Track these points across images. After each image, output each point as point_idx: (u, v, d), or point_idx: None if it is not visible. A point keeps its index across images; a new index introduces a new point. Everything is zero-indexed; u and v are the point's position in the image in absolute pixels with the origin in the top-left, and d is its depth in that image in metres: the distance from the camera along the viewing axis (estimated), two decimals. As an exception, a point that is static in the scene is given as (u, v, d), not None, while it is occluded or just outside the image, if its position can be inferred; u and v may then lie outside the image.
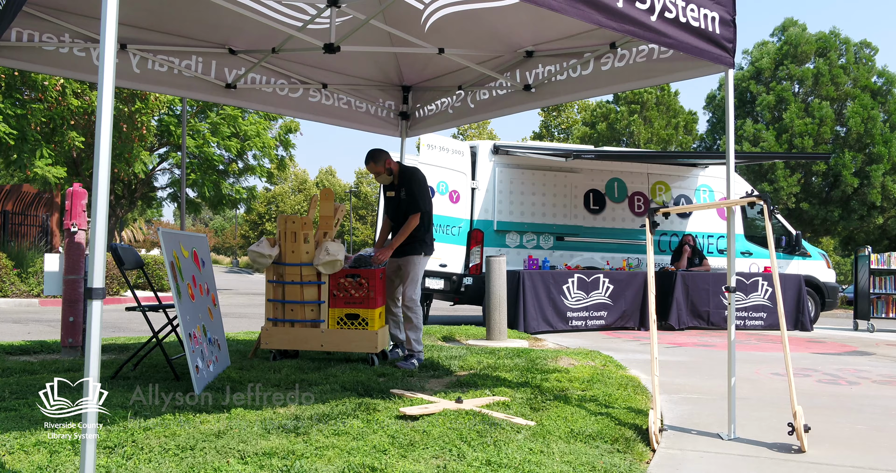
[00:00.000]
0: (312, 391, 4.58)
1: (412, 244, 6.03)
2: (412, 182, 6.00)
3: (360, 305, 5.79)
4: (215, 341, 5.20)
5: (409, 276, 5.99)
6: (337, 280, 5.81)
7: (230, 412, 3.89)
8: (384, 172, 6.04)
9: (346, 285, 5.82)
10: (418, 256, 6.04)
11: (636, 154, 13.03)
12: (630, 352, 7.67)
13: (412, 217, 5.94)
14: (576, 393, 4.91)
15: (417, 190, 5.98)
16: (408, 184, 6.01)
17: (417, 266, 6.03)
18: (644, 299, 10.34)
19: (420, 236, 6.05)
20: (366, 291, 5.79)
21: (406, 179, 6.03)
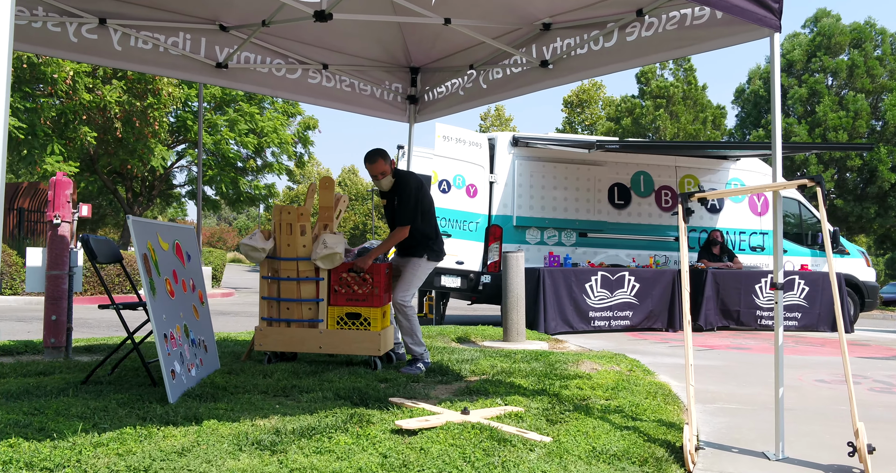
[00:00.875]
0: (302, 400, 4.10)
1: (416, 247, 5.53)
2: (404, 189, 5.44)
3: (362, 302, 5.31)
4: (200, 342, 4.73)
5: (404, 277, 5.49)
6: (338, 275, 5.32)
7: (202, 424, 3.42)
8: (390, 174, 5.47)
9: (348, 280, 5.33)
10: (420, 259, 5.52)
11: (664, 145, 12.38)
12: (658, 355, 7.11)
13: (398, 230, 5.41)
14: (598, 403, 4.38)
15: (409, 199, 5.41)
16: (400, 191, 5.47)
17: (417, 269, 5.51)
18: (672, 298, 9.74)
19: (424, 241, 5.55)
20: (370, 287, 5.30)
21: (399, 185, 5.49)
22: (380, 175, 5.43)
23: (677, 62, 28.58)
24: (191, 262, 4.91)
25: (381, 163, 5.40)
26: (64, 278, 5.71)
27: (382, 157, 5.42)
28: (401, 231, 5.40)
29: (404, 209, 5.41)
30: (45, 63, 13.77)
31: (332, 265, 5.39)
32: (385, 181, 5.47)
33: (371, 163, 5.40)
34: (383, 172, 5.42)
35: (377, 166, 5.40)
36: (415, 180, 5.48)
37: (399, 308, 5.45)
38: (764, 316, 10.01)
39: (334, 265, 5.42)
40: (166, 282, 4.28)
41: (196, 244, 5.12)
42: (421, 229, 5.50)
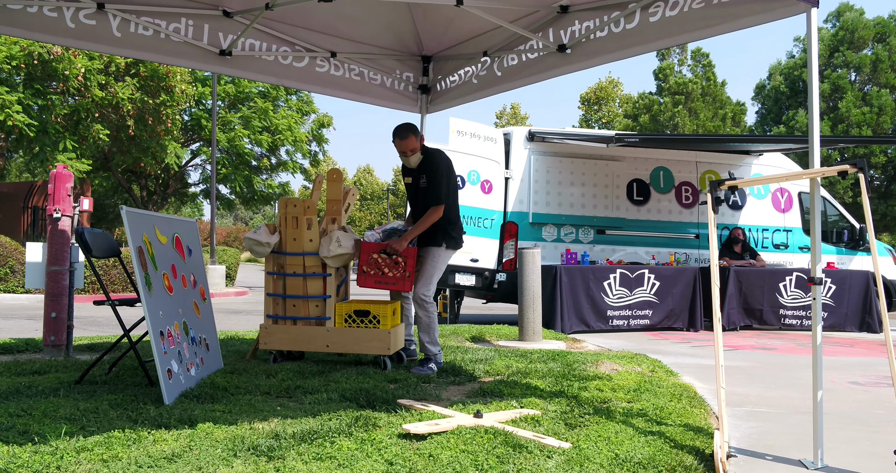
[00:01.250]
0: (305, 401, 3.87)
1: (434, 234, 5.23)
2: (434, 168, 5.17)
3: (391, 285, 5.08)
4: (201, 340, 4.53)
5: (424, 269, 5.21)
6: (368, 255, 5.06)
7: (196, 427, 3.20)
8: (419, 151, 5.21)
9: (378, 261, 5.07)
10: (438, 248, 5.25)
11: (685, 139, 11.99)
12: (680, 356, 6.83)
13: (433, 210, 5.15)
14: (620, 406, 4.12)
15: (440, 177, 5.15)
16: (429, 169, 5.20)
17: (437, 260, 5.24)
18: (694, 297, 9.44)
19: (444, 226, 5.25)
20: (401, 270, 5.07)
21: (427, 163, 5.22)
22: (409, 152, 5.16)
23: (696, 58, 28.18)
24: (192, 256, 4.71)
25: (413, 139, 5.13)
26: (64, 274, 5.53)
27: (413, 132, 5.15)
28: (435, 211, 5.14)
29: (436, 188, 5.15)
30: (56, 59, 13.68)
31: (342, 264, 5.18)
32: (414, 158, 5.20)
33: (401, 138, 5.11)
34: (413, 148, 5.15)
35: (408, 143, 5.12)
36: (444, 158, 5.23)
37: (420, 303, 5.20)
38: (788, 315, 9.68)
39: (343, 264, 5.20)
40: (164, 277, 4.08)
41: (198, 238, 4.91)
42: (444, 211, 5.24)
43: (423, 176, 5.21)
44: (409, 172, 5.34)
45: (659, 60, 28.97)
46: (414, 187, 5.33)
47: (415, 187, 5.31)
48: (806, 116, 23.29)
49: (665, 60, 28.93)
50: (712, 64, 27.77)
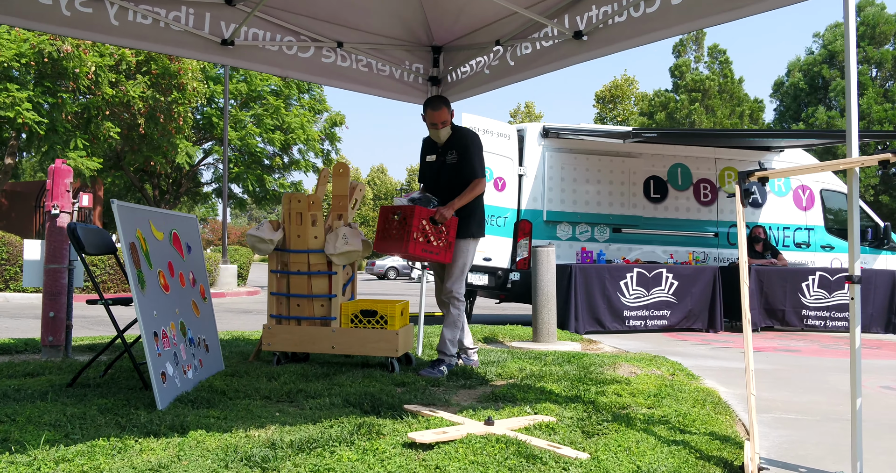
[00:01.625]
0: (306, 407, 3.66)
1: (463, 223, 4.96)
2: (466, 143, 4.95)
3: (434, 255, 4.80)
4: (200, 341, 4.33)
5: (456, 264, 4.98)
6: (420, 220, 4.70)
7: (187, 435, 3.00)
8: (449, 125, 4.99)
9: (428, 230, 4.75)
10: (468, 240, 5.00)
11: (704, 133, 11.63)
12: (700, 358, 6.57)
13: (476, 182, 4.92)
14: (640, 412, 3.88)
15: (473, 152, 4.93)
16: (462, 145, 4.95)
17: (466, 253, 5.01)
18: (713, 296, 9.16)
19: (474, 212, 5.01)
20: (445, 240, 4.84)
21: (457, 138, 4.99)
22: (440, 124, 4.93)
23: (713, 54, 27.77)
24: (191, 254, 4.51)
25: (445, 111, 4.92)
26: (63, 273, 5.36)
27: (446, 104, 4.94)
28: (479, 184, 4.93)
29: (470, 162, 4.93)
30: (66, 57, 13.58)
31: (348, 262, 4.97)
32: (444, 132, 4.97)
33: (435, 109, 4.89)
34: (444, 121, 4.94)
35: (441, 114, 4.91)
36: (475, 134, 5.04)
37: (452, 300, 5.02)
38: (811, 316, 9.38)
39: (349, 262, 5.00)
40: (159, 275, 3.88)
41: (198, 235, 4.72)
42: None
43: (453, 152, 4.97)
44: (433, 149, 5.10)
45: (675, 57, 28.59)
46: (437, 165, 5.06)
47: (438, 164, 5.05)
48: (826, 114, 22.90)
49: (681, 57, 28.55)
50: (729, 60, 27.38)
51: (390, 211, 4.92)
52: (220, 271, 18.51)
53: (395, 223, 4.83)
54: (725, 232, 10.87)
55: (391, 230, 4.86)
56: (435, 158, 5.08)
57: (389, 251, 4.90)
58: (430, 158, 5.13)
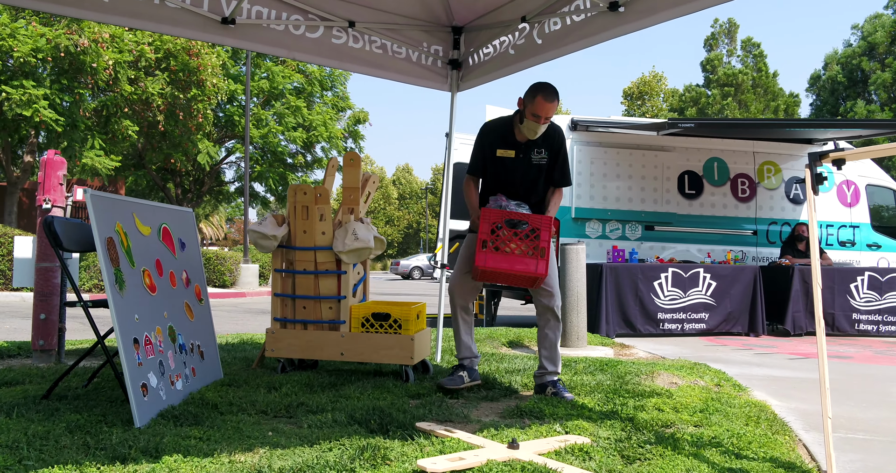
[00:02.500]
0: (304, 424, 3.22)
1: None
2: (561, 143, 4.29)
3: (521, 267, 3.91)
4: (193, 347, 3.91)
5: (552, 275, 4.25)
6: (490, 223, 3.91)
7: (159, 460, 2.57)
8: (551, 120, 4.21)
9: (504, 235, 3.91)
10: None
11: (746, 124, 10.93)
12: (745, 365, 6.04)
13: (560, 192, 4.33)
14: (687, 431, 3.38)
15: (565, 155, 4.31)
16: (556, 145, 4.28)
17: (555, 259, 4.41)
18: (755, 298, 8.58)
19: None
20: (533, 241, 3.90)
21: (552, 137, 4.28)
22: (544, 119, 4.11)
23: (746, 48, 26.96)
24: (186, 251, 4.10)
25: (557, 105, 4.15)
26: (55, 272, 4.98)
27: (559, 99, 4.18)
28: (561, 194, 4.34)
29: (563, 167, 4.30)
30: (83, 52, 13.34)
31: (359, 260, 4.53)
32: (543, 127, 4.17)
33: (549, 100, 4.03)
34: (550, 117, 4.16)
35: (553, 107, 4.11)
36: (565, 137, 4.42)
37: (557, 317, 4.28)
38: (862, 320, 8.76)
39: (361, 260, 4.56)
40: (144, 274, 3.47)
41: (194, 230, 4.31)
42: None
43: (543, 151, 4.27)
44: (508, 142, 4.28)
45: (707, 51, 27.84)
46: (518, 162, 4.27)
47: (522, 161, 4.26)
48: (865, 107, 22.04)
49: (713, 51, 27.79)
50: (764, 54, 26.48)
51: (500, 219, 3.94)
52: (241, 271, 18.22)
53: (510, 235, 3.90)
54: (765, 230, 10.28)
55: (507, 243, 3.91)
56: (514, 154, 4.28)
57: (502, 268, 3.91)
58: (505, 153, 4.28)
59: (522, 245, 3.89)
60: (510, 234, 3.89)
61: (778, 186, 10.44)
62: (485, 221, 3.90)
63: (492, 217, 3.91)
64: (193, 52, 15.95)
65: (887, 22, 23.20)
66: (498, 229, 3.89)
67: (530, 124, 4.11)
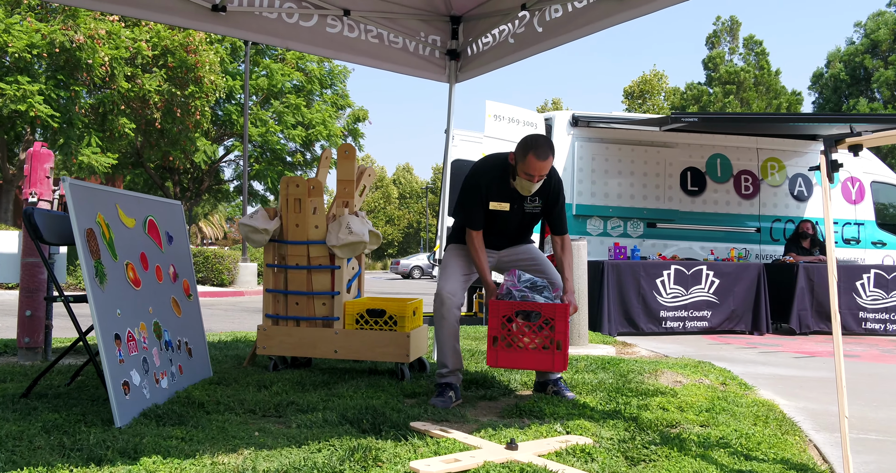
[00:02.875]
0: (293, 424, 3.08)
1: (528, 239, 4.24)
2: (559, 189, 3.96)
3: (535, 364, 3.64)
4: (181, 344, 3.78)
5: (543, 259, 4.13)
6: (500, 317, 3.58)
7: (137, 462, 2.43)
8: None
9: (516, 328, 3.58)
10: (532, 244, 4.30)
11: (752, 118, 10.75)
12: (750, 364, 5.90)
13: (567, 238, 4.07)
14: (693, 431, 3.24)
15: (563, 202, 4.02)
16: (553, 191, 3.93)
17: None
18: (758, 296, 8.44)
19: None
20: (548, 333, 3.55)
21: (550, 187, 3.92)
22: (538, 178, 3.75)
23: (748, 46, 26.82)
24: (174, 245, 3.96)
25: (551, 160, 3.77)
26: (41, 267, 4.84)
27: (553, 153, 3.78)
28: (569, 243, 4.09)
29: (562, 216, 4.04)
30: (79, 48, 13.20)
31: (354, 254, 4.39)
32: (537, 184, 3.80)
33: (542, 158, 3.66)
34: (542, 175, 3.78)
35: (548, 164, 3.74)
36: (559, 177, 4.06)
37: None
38: (869, 319, 8.62)
39: (356, 254, 4.41)
40: (128, 268, 3.33)
41: (183, 224, 4.17)
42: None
43: (538, 199, 3.94)
44: (509, 196, 3.89)
45: (709, 49, 27.70)
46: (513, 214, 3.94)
47: (517, 212, 3.94)
48: (868, 105, 21.90)
49: (715, 49, 27.65)
50: (766, 52, 26.34)
51: (510, 311, 3.59)
52: (239, 269, 18.08)
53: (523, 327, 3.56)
54: (768, 227, 10.15)
55: (519, 338, 3.58)
56: (509, 207, 3.92)
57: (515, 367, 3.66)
58: (499, 206, 3.91)
59: (536, 338, 3.55)
60: (522, 326, 3.55)
61: (782, 182, 10.30)
62: (494, 315, 3.56)
63: (501, 310, 3.56)
64: (191, 49, 15.82)
65: (890, 19, 23.05)
66: (509, 323, 3.55)
67: (523, 183, 3.78)
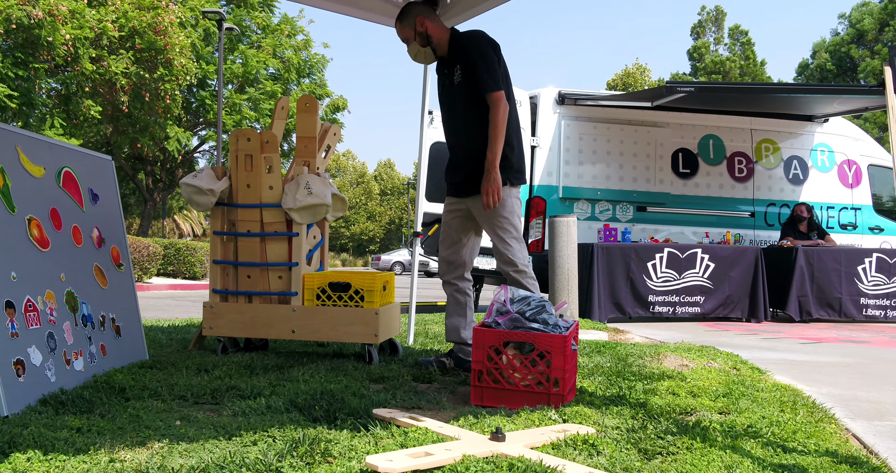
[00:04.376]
0: (229, 411, 2.51)
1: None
2: (471, 51, 3.44)
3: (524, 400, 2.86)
4: (105, 320, 3.19)
5: (498, 224, 3.50)
6: (485, 348, 2.90)
7: (7, 459, 1.85)
8: (415, 39, 3.55)
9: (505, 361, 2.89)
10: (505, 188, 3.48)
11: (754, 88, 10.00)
12: (755, 350, 5.40)
13: (493, 100, 3.36)
14: (712, 418, 2.71)
15: (482, 60, 3.40)
16: (464, 55, 3.47)
17: (506, 206, 3.49)
18: (755, 281, 7.95)
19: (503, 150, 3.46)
20: (544, 370, 2.83)
21: (459, 49, 3.50)
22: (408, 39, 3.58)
23: (733, 36, 26.48)
24: (100, 205, 3.37)
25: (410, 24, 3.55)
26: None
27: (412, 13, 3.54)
28: (498, 101, 3.35)
29: (477, 75, 3.40)
30: (38, 25, 12.48)
31: (314, 220, 3.82)
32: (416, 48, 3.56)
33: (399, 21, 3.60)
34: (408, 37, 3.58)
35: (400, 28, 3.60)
36: (484, 36, 3.51)
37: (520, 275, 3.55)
38: (870, 305, 8.16)
39: (316, 220, 3.84)
40: (31, 224, 2.74)
41: (114, 183, 3.57)
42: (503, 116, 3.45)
43: (457, 68, 3.51)
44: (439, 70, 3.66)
45: (693, 39, 27.34)
46: (446, 90, 3.62)
47: (447, 88, 3.61)
48: (855, 95, 21.60)
49: (700, 39, 27.29)
50: (751, 42, 26.02)
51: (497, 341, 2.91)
52: (211, 262, 17.43)
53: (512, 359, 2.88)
54: (762, 212, 9.67)
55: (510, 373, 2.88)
56: (442, 83, 3.65)
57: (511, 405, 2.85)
58: (439, 84, 3.70)
59: (529, 374, 2.86)
60: (513, 359, 2.87)
61: (776, 165, 9.83)
62: (477, 346, 2.91)
63: (487, 340, 2.90)
64: (160, 30, 15.12)
65: (875, 9, 22.79)
66: (497, 355, 2.89)
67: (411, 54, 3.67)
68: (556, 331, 2.90)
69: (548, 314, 2.96)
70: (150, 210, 22.24)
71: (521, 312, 2.95)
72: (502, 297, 3.02)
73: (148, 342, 4.07)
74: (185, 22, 16.84)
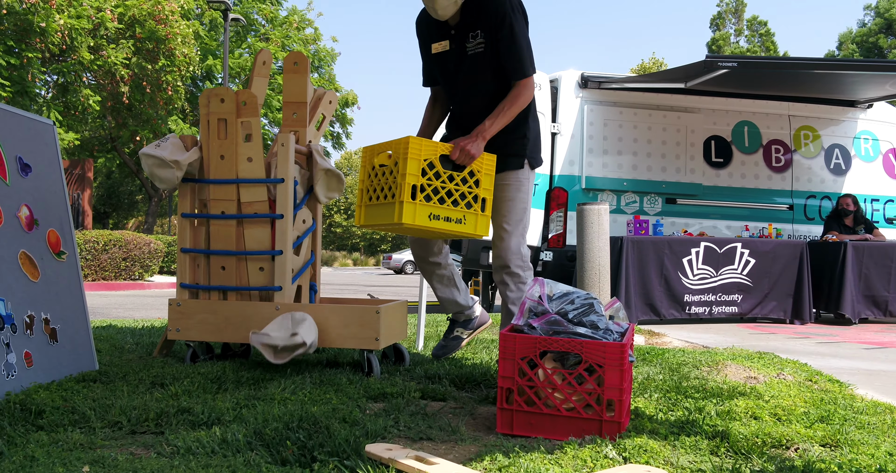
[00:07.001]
0: (169, 448, 1.84)
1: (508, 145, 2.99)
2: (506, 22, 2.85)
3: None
4: (34, 322, 2.53)
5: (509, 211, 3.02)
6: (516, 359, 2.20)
7: None
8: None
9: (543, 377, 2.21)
10: (517, 171, 3.04)
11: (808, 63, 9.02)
12: (815, 356, 4.69)
13: (520, 85, 2.90)
14: (822, 457, 2.01)
15: (522, 35, 2.88)
16: (494, 21, 2.87)
17: (522, 190, 3.05)
18: (801, 278, 7.23)
19: (521, 128, 3.02)
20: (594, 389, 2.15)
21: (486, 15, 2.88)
22: None
23: (752, 27, 25.66)
24: (30, 178, 2.71)
25: None
26: None
27: None
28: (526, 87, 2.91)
29: (513, 50, 2.87)
30: (31, 10, 11.90)
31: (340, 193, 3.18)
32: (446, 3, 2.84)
33: None
34: None
35: None
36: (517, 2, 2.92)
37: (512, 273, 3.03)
38: (922, 306, 7.42)
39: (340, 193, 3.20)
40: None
41: (55, 152, 2.92)
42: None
43: (477, 33, 2.91)
44: (440, 32, 3.02)
45: (713, 31, 26.53)
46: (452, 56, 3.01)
47: (457, 55, 2.99)
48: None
49: (720, 31, 26.48)
50: (771, 32, 25.11)
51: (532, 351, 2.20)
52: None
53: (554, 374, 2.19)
54: (802, 204, 8.93)
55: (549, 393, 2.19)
56: (448, 46, 3.00)
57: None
58: (439, 48, 3.03)
59: (574, 394, 2.17)
60: (553, 375, 2.19)
61: (817, 154, 9.09)
62: (505, 357, 2.22)
63: (518, 349, 2.20)
64: (161, 19, 14.53)
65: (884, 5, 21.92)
66: (532, 368, 2.20)
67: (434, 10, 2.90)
68: (609, 337, 2.21)
69: (597, 316, 2.26)
70: (155, 207, 21.70)
71: (562, 312, 2.25)
72: (537, 292, 2.32)
73: (107, 348, 3.42)
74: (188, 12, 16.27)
